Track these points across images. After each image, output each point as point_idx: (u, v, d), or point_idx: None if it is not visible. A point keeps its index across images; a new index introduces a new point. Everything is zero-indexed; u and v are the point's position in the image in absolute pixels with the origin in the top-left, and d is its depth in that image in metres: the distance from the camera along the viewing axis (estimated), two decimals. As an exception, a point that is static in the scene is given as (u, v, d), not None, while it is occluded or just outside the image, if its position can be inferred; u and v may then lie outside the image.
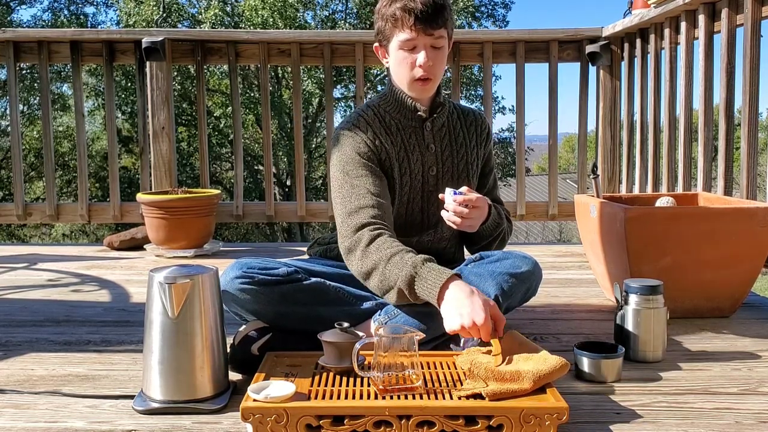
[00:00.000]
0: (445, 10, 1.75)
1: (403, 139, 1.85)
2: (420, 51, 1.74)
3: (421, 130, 1.86)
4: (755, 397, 1.53)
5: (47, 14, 16.28)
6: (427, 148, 1.86)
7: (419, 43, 1.74)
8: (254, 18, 14.03)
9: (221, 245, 3.49)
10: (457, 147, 1.90)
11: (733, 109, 2.60)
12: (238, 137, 3.74)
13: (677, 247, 2.06)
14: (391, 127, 1.85)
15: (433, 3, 1.71)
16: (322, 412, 1.31)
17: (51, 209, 3.59)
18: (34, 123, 14.21)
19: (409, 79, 1.78)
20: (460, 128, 1.92)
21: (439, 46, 1.76)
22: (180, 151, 13.62)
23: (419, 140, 1.86)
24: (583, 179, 3.72)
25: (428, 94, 1.84)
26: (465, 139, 1.92)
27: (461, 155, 1.91)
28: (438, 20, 1.72)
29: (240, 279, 1.68)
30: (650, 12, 3.00)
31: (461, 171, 1.90)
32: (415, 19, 1.70)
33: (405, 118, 1.85)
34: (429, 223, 1.89)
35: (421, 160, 1.86)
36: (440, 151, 1.88)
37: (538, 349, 1.51)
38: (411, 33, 1.72)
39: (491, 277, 1.74)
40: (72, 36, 3.55)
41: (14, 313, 2.29)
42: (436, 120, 1.87)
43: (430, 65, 1.75)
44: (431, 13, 1.71)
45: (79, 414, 1.46)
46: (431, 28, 1.72)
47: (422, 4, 1.70)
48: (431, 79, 1.78)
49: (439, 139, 1.88)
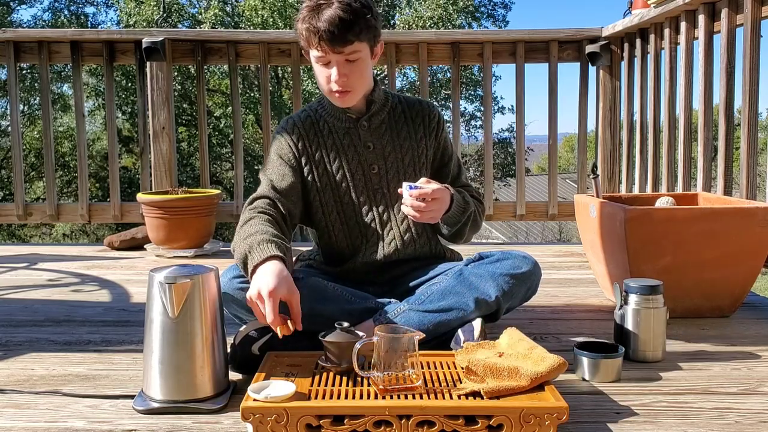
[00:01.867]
0: (356, 26, 1.67)
1: (335, 140, 1.85)
2: (333, 67, 1.72)
3: (356, 130, 1.85)
4: (755, 397, 1.53)
5: (47, 14, 16.30)
6: (365, 146, 1.85)
7: (331, 59, 1.71)
8: (254, 18, 14.04)
9: (221, 245, 3.49)
10: (400, 141, 1.87)
11: (733, 109, 2.60)
12: (239, 137, 3.74)
13: (677, 247, 2.06)
14: (323, 130, 1.86)
15: (339, 22, 1.65)
16: (322, 412, 1.31)
17: (51, 209, 3.60)
18: (34, 123, 14.22)
19: (327, 91, 1.78)
20: (403, 122, 1.89)
21: (354, 59, 1.72)
22: (180, 151, 13.63)
23: (354, 140, 1.85)
24: (583, 179, 3.72)
25: (350, 105, 1.82)
26: (410, 132, 1.89)
27: (406, 149, 1.88)
28: (345, 38, 1.67)
29: (238, 278, 1.69)
30: (650, 12, 3.01)
31: (407, 165, 1.87)
32: (319, 39, 1.67)
33: (338, 120, 1.85)
34: (381, 220, 1.87)
35: (358, 160, 1.85)
36: (381, 148, 1.86)
37: (537, 347, 1.52)
38: (320, 51, 1.70)
39: (491, 279, 1.75)
40: (72, 36, 3.55)
41: (14, 313, 2.29)
42: (372, 118, 1.86)
43: (344, 80, 1.73)
44: (337, 33, 1.66)
45: (79, 414, 1.46)
46: (339, 46, 1.68)
47: (327, 23, 1.65)
48: (350, 91, 1.76)
49: (378, 136, 1.86)
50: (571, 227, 13.64)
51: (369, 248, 1.87)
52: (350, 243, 1.88)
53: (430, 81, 12.07)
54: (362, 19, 1.69)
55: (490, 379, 1.39)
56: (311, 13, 1.68)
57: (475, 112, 17.15)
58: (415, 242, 1.90)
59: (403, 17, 15.82)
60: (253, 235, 1.62)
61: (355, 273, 1.89)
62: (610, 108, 3.61)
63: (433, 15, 14.94)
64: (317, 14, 1.67)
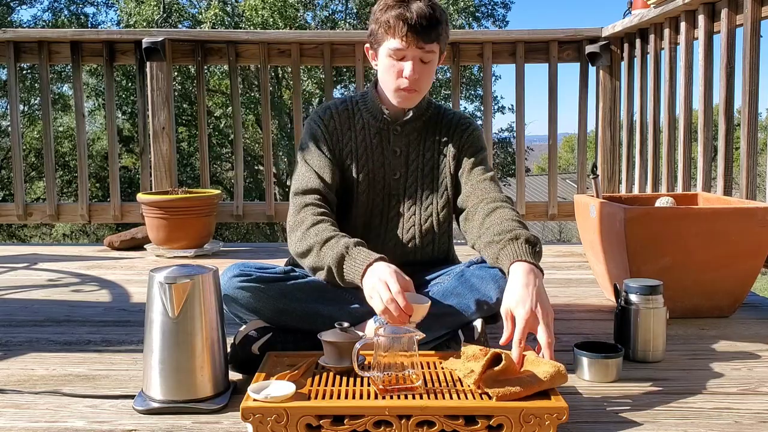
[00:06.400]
0: (440, 26, 1.71)
1: (366, 138, 1.84)
2: (408, 62, 1.72)
3: (388, 133, 1.84)
4: (755, 397, 1.53)
5: (47, 14, 16.29)
6: (393, 151, 1.84)
7: (408, 54, 1.71)
8: (254, 18, 14.03)
9: (221, 245, 3.49)
10: (424, 151, 1.85)
11: (733, 109, 2.60)
12: (239, 137, 3.74)
13: (677, 247, 2.06)
14: (357, 125, 1.85)
15: (428, 16, 1.68)
16: (322, 412, 1.32)
17: (51, 209, 3.60)
18: (34, 123, 14.21)
19: (394, 87, 1.76)
20: (437, 133, 1.87)
21: (427, 60, 1.73)
22: (180, 151, 13.62)
23: (384, 142, 1.84)
24: (583, 179, 3.72)
25: (411, 105, 1.81)
26: (437, 144, 1.86)
27: (427, 159, 1.86)
28: (431, 34, 1.70)
29: (238, 277, 1.69)
30: (650, 12, 3.01)
31: (426, 176, 1.85)
32: (408, 29, 1.68)
33: (374, 118, 1.85)
34: (389, 225, 1.86)
35: (383, 162, 1.84)
36: (407, 155, 1.85)
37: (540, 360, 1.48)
38: (402, 43, 1.70)
39: (492, 280, 1.74)
40: (72, 36, 3.55)
41: (15, 313, 2.29)
42: (406, 124, 1.84)
43: (416, 78, 1.73)
44: (425, 26, 1.68)
45: (79, 414, 1.46)
46: (423, 41, 1.69)
47: (418, 16, 1.67)
48: (417, 91, 1.76)
49: (407, 143, 1.85)
50: (571, 227, 13.65)
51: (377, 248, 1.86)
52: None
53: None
54: (445, 22, 1.74)
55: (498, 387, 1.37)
56: (399, 2, 1.70)
57: (475, 112, 17.14)
58: (417, 251, 1.88)
59: (403, 17, 15.79)
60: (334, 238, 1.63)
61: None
62: (609, 108, 3.61)
63: (433, 15, 14.90)
64: (407, 5, 1.69)
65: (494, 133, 15.33)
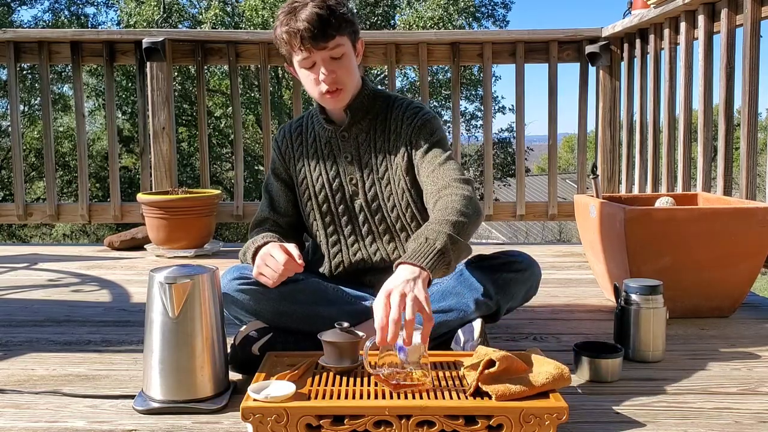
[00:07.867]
0: (334, 19, 1.67)
1: (318, 150, 1.85)
2: (319, 66, 1.71)
3: (337, 140, 1.83)
4: (755, 397, 1.53)
5: (48, 15, 16.30)
6: (345, 158, 1.83)
7: (316, 58, 1.70)
8: (255, 18, 14.04)
9: (222, 245, 3.49)
10: (375, 152, 1.81)
11: (733, 109, 2.60)
12: (239, 137, 3.74)
13: (677, 247, 2.06)
14: (308, 139, 1.87)
15: (317, 18, 1.65)
16: (322, 412, 1.32)
17: (51, 209, 3.60)
18: (34, 123, 14.22)
19: (318, 95, 1.75)
20: (386, 130, 1.81)
21: (338, 55, 1.71)
22: (180, 151, 13.63)
23: (335, 150, 1.84)
24: (583, 179, 3.72)
25: (343, 104, 1.78)
26: (388, 142, 1.81)
27: (380, 160, 1.81)
28: (326, 34, 1.67)
29: (238, 280, 1.69)
30: (650, 12, 3.01)
31: (382, 177, 1.81)
32: (302, 39, 1.66)
33: (323, 129, 1.85)
34: (362, 231, 1.84)
35: (338, 170, 1.83)
36: (359, 159, 1.82)
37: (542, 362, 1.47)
38: (303, 53, 1.69)
39: (491, 279, 1.74)
40: (72, 36, 3.55)
41: (15, 313, 2.29)
42: (351, 128, 1.82)
43: (333, 77, 1.71)
44: (316, 30, 1.65)
45: (79, 414, 1.46)
46: (322, 42, 1.67)
47: (306, 22, 1.65)
48: (341, 89, 1.73)
49: (356, 147, 1.82)
50: (571, 227, 13.64)
51: (353, 256, 1.85)
52: (333, 251, 1.87)
53: (430, 81, 12.07)
54: (339, 13, 1.69)
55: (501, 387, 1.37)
56: (288, 16, 1.69)
57: (475, 112, 17.15)
58: (402, 249, 1.84)
59: (403, 17, 15.82)
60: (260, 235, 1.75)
61: (347, 279, 1.87)
62: (609, 108, 3.61)
63: (434, 15, 14.93)
64: (294, 16, 1.67)
65: (494, 133, 15.33)
